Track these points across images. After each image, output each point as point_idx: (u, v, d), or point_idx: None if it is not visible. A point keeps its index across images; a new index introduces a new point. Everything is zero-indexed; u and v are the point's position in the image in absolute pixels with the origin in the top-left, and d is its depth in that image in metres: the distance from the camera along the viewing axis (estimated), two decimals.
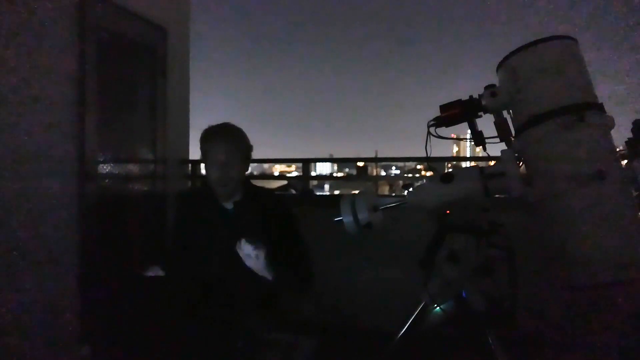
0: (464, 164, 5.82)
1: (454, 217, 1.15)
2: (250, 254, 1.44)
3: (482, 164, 2.57)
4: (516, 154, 1.10)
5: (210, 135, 1.62)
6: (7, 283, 1.99)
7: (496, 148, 1.17)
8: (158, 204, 3.07)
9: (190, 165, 3.49)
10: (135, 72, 2.97)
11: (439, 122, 1.21)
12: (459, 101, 1.18)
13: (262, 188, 1.79)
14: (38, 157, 2.15)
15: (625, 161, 1.08)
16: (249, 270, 1.61)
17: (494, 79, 1.20)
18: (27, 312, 2.07)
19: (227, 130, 1.63)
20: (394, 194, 4.14)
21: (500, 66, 1.17)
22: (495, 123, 1.17)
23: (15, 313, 2.02)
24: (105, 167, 2.66)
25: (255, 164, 1.81)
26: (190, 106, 3.52)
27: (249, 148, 1.67)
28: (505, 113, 1.16)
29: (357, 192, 1.23)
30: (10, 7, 2.02)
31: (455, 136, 1.54)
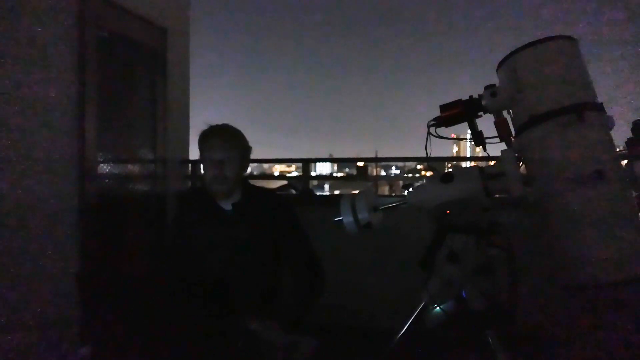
0: (464, 164, 5.82)
1: (454, 217, 1.15)
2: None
3: (482, 164, 2.57)
4: (516, 154, 1.10)
5: (208, 135, 1.63)
6: (6, 282, 1.99)
7: (496, 148, 1.17)
8: (158, 204, 3.07)
9: (190, 165, 3.49)
10: (135, 72, 2.97)
11: (439, 122, 1.21)
12: (459, 101, 1.18)
13: (261, 188, 1.79)
14: (38, 157, 2.15)
15: (625, 161, 1.08)
16: (248, 271, 1.61)
17: (494, 79, 1.20)
18: (27, 311, 2.07)
19: (224, 130, 1.64)
20: (394, 194, 4.14)
21: (500, 66, 1.17)
22: (495, 123, 1.16)
23: (15, 313, 2.02)
24: (105, 167, 2.66)
25: (255, 164, 1.80)
26: (190, 106, 3.52)
27: (246, 149, 1.66)
28: (505, 113, 1.16)
29: (357, 192, 1.23)
30: (9, 7, 2.02)
31: (455, 136, 1.54)
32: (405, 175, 5.19)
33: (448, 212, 1.16)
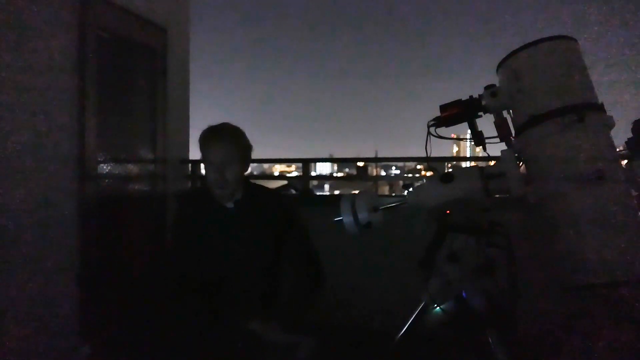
0: (464, 164, 5.82)
1: (454, 217, 1.15)
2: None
3: (482, 164, 2.57)
4: (516, 154, 1.10)
5: (207, 137, 1.60)
6: (6, 282, 1.99)
7: (496, 148, 1.17)
8: (158, 204, 3.07)
9: (190, 165, 3.49)
10: (135, 72, 2.97)
11: (439, 122, 1.21)
12: (459, 101, 1.18)
13: (263, 187, 1.79)
14: (38, 157, 2.15)
15: (625, 161, 1.08)
16: (249, 270, 1.61)
17: (494, 79, 1.20)
18: (27, 311, 2.07)
19: (223, 131, 1.60)
20: (394, 194, 4.14)
21: (500, 66, 1.17)
22: (495, 123, 1.16)
23: (15, 313, 2.02)
24: (105, 167, 2.66)
25: (255, 164, 1.80)
26: (190, 106, 3.52)
27: (247, 148, 1.64)
28: (505, 113, 1.16)
29: (357, 192, 1.23)
30: (10, 6, 2.02)
31: (455, 136, 1.54)
32: (405, 175, 5.18)
33: (448, 212, 1.16)
